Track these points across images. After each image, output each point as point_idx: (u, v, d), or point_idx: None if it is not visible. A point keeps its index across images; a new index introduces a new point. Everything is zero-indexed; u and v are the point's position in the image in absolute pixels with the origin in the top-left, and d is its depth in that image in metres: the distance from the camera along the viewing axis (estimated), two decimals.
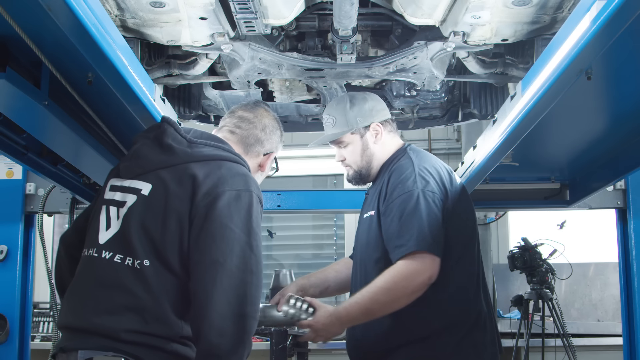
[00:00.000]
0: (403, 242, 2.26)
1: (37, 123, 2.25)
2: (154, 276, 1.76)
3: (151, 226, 1.79)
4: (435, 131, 5.78)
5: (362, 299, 2.30)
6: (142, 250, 1.77)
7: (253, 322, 1.75)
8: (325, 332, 2.35)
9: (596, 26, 1.60)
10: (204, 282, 1.73)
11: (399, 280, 2.24)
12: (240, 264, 1.75)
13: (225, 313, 1.70)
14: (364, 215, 2.58)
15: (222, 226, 1.77)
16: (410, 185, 2.34)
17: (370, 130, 2.56)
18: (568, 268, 4.60)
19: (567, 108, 2.30)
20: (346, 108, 2.56)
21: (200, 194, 1.79)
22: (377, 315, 2.30)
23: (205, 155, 1.89)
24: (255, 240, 1.80)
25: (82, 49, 1.75)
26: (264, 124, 2.15)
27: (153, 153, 1.91)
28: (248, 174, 1.91)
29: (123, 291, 1.75)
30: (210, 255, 1.74)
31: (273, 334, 3.29)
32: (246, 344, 1.73)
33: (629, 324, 3.49)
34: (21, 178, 3.48)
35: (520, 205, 3.83)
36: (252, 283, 1.76)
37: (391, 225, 2.32)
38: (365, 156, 2.58)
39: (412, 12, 2.28)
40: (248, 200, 1.82)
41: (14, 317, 3.31)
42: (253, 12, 2.18)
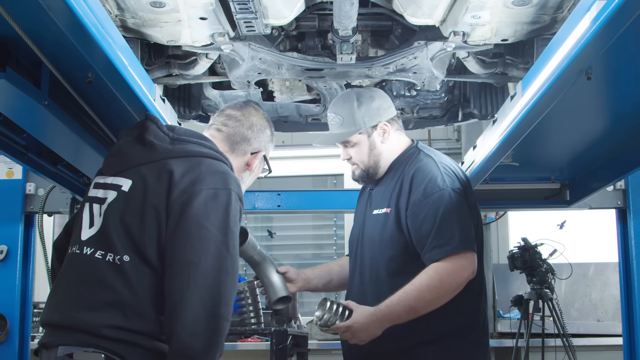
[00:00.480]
0: (444, 242, 2.28)
1: (37, 123, 2.25)
2: (133, 272, 1.76)
3: (130, 222, 1.79)
4: (435, 131, 5.78)
5: (405, 297, 2.27)
6: (122, 246, 1.78)
7: (226, 324, 1.73)
8: (365, 333, 2.30)
9: (596, 26, 1.60)
10: (178, 282, 1.72)
11: (446, 278, 2.27)
12: (215, 264, 1.73)
13: (198, 314, 1.69)
14: (372, 212, 2.53)
15: (197, 225, 1.75)
16: (441, 184, 2.35)
17: (378, 130, 2.52)
18: (568, 268, 4.60)
19: (567, 108, 2.29)
20: (354, 107, 2.50)
21: (177, 192, 1.79)
22: (419, 314, 2.29)
23: (186, 152, 1.88)
24: (232, 239, 1.78)
25: (82, 49, 1.75)
26: (251, 122, 2.11)
27: (134, 150, 1.90)
28: (228, 171, 1.88)
29: (104, 287, 1.76)
30: (185, 255, 1.73)
31: (273, 334, 3.30)
32: (218, 345, 1.71)
33: (629, 324, 3.49)
34: (21, 178, 3.48)
35: (520, 205, 3.83)
36: (227, 283, 1.74)
37: (424, 224, 2.32)
38: (373, 155, 2.54)
39: (412, 12, 2.28)
40: (226, 199, 1.80)
41: (14, 317, 3.31)
42: (253, 12, 2.18)
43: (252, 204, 3.85)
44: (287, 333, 3.35)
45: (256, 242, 2.46)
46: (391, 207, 2.44)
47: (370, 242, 2.51)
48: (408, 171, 2.44)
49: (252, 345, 4.64)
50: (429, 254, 2.30)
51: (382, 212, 2.48)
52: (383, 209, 2.48)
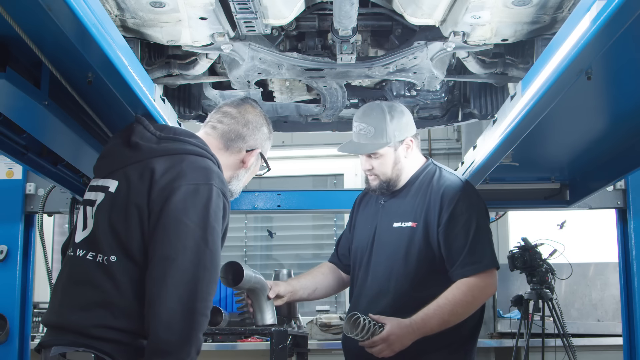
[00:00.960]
0: (476, 259, 2.45)
1: (37, 123, 2.25)
2: (121, 271, 1.78)
3: (116, 222, 1.81)
4: (435, 131, 5.78)
5: (440, 310, 2.40)
6: (109, 246, 1.80)
7: (203, 319, 1.73)
8: (399, 344, 2.37)
9: (596, 26, 1.60)
10: (155, 277, 1.73)
11: (477, 294, 2.44)
12: (193, 259, 1.74)
13: (174, 308, 1.69)
14: (392, 225, 2.60)
15: (176, 220, 1.76)
16: (472, 203, 2.52)
17: (404, 144, 2.62)
18: (568, 268, 4.59)
19: (567, 108, 2.29)
20: (386, 120, 2.57)
21: (157, 189, 1.80)
22: (449, 326, 2.43)
23: (169, 150, 1.89)
24: (211, 235, 1.78)
25: (82, 49, 1.75)
26: (247, 119, 2.11)
27: (121, 151, 1.92)
28: (211, 167, 1.88)
29: (93, 287, 1.79)
30: (163, 250, 1.74)
31: (273, 334, 3.30)
32: (194, 341, 1.71)
33: (629, 324, 3.49)
34: (21, 178, 3.48)
35: (520, 205, 3.83)
36: (205, 279, 1.74)
37: (456, 240, 2.47)
38: (396, 169, 2.62)
39: (412, 12, 2.28)
40: (207, 194, 1.80)
41: (14, 317, 3.31)
42: (253, 12, 2.18)
43: (252, 204, 3.85)
44: (287, 333, 3.36)
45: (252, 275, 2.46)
46: (418, 222, 2.55)
47: (392, 255, 2.58)
48: (435, 187, 2.56)
49: (252, 345, 4.64)
50: (461, 269, 2.45)
51: (406, 225, 2.57)
52: (408, 222, 2.57)
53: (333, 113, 3.13)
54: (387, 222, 2.63)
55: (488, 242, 2.51)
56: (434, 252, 2.51)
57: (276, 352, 3.27)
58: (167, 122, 2.37)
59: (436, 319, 2.39)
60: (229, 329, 3.68)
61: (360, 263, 2.68)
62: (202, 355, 1.83)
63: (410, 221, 2.56)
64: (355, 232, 2.80)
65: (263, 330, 3.68)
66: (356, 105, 3.19)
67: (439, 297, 2.42)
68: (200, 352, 1.78)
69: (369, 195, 2.83)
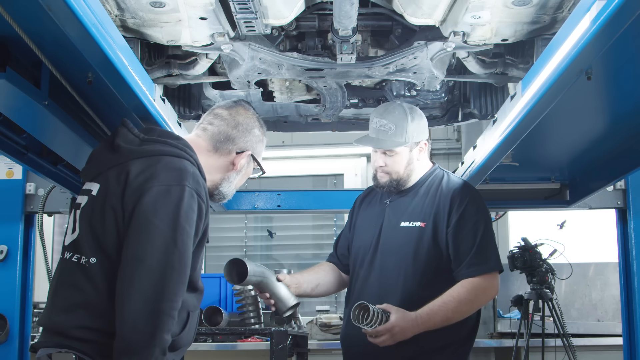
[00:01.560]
0: (482, 261, 2.52)
1: (37, 123, 2.25)
2: (100, 273, 1.79)
3: (95, 224, 1.83)
4: (435, 131, 5.77)
5: (445, 307, 2.46)
6: (89, 248, 1.82)
7: (168, 319, 1.73)
8: (402, 335, 2.43)
9: (596, 26, 1.60)
10: (123, 277, 1.74)
11: (480, 294, 2.51)
12: (161, 259, 1.74)
13: (139, 308, 1.70)
14: (400, 224, 2.64)
15: (145, 221, 1.76)
16: (479, 207, 2.60)
17: (418, 147, 2.68)
18: (568, 268, 4.59)
19: (567, 108, 2.29)
20: (407, 120, 2.62)
21: (130, 190, 1.81)
22: (451, 323, 2.49)
23: (147, 152, 1.89)
24: (181, 235, 1.77)
25: (82, 49, 1.75)
26: (237, 121, 2.10)
27: (104, 155, 1.94)
28: (186, 168, 1.87)
29: (76, 289, 1.82)
30: (132, 251, 1.75)
31: (273, 334, 3.30)
32: (158, 341, 1.71)
33: (629, 324, 3.49)
34: (21, 178, 3.48)
35: (520, 205, 3.83)
36: (173, 279, 1.74)
37: (464, 242, 2.53)
38: (408, 169, 2.67)
39: (412, 12, 2.28)
40: (178, 195, 1.79)
41: (14, 317, 3.31)
42: (253, 12, 2.18)
43: (252, 204, 3.85)
44: (287, 333, 3.36)
45: (255, 268, 2.45)
46: (427, 222, 2.60)
47: (400, 253, 2.61)
48: (445, 190, 2.63)
49: (252, 345, 4.64)
50: (467, 270, 2.51)
51: (415, 225, 2.61)
52: (416, 222, 2.62)
53: (333, 113, 3.13)
54: (394, 221, 2.66)
55: (494, 245, 2.59)
56: (442, 252, 2.56)
57: (276, 352, 3.27)
58: (167, 122, 2.37)
59: (440, 315, 2.45)
60: (229, 329, 3.68)
61: (363, 261, 2.68)
62: (202, 355, 1.83)
63: (419, 221, 2.61)
64: (356, 231, 2.81)
65: (263, 330, 3.69)
66: (356, 105, 3.19)
67: (444, 294, 2.47)
68: (201, 352, 1.78)
69: (371, 195, 2.84)
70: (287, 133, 3.57)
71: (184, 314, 1.91)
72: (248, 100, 3.03)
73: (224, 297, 4.32)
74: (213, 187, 2.09)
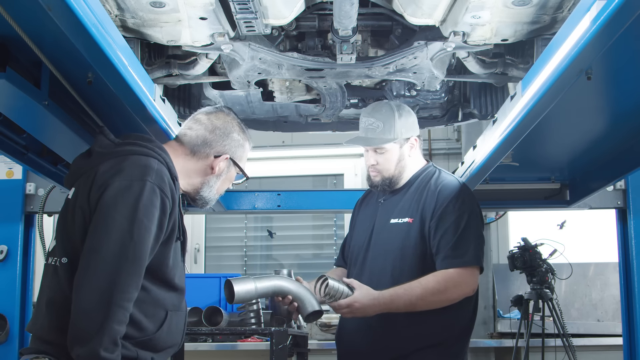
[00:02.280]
0: (458, 254, 2.48)
1: (37, 123, 2.25)
2: (68, 272, 1.82)
3: (66, 225, 1.87)
4: (435, 131, 5.78)
5: (410, 292, 2.43)
6: (62, 249, 1.86)
7: (119, 310, 1.74)
8: (362, 312, 2.42)
9: (596, 26, 1.60)
10: (80, 267, 1.76)
11: (451, 287, 2.46)
12: (116, 251, 1.76)
13: (91, 297, 1.72)
14: (390, 221, 2.64)
15: (104, 215, 1.79)
16: (465, 202, 2.56)
17: (409, 143, 2.69)
18: (568, 268, 4.59)
19: (567, 108, 2.29)
20: (395, 116, 2.65)
21: (95, 187, 1.84)
22: (415, 310, 2.45)
23: (117, 152, 1.92)
24: (138, 229, 1.79)
25: (82, 49, 1.75)
26: (214, 125, 2.12)
27: (81, 162, 1.98)
28: (151, 165, 1.88)
29: (49, 291, 1.86)
30: (89, 243, 1.78)
31: (273, 334, 3.30)
32: (107, 331, 1.71)
33: (629, 324, 3.49)
34: (21, 178, 3.48)
35: (520, 205, 3.83)
36: (127, 271, 1.76)
37: (445, 235, 2.51)
38: (399, 166, 2.69)
39: (412, 12, 2.28)
40: (139, 189, 1.81)
41: (14, 317, 3.31)
42: (253, 12, 2.18)
43: (252, 204, 3.85)
44: (287, 333, 3.36)
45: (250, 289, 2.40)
46: (414, 218, 2.60)
47: (389, 249, 2.61)
48: (433, 186, 2.62)
49: (252, 345, 4.64)
50: (441, 261, 2.48)
51: (403, 221, 2.62)
52: (405, 218, 2.62)
53: (333, 113, 3.13)
54: (384, 219, 2.68)
55: (474, 240, 2.52)
56: (427, 248, 2.55)
57: (276, 352, 3.27)
58: (167, 122, 2.37)
59: (404, 299, 2.42)
60: (229, 329, 3.68)
61: (357, 260, 2.71)
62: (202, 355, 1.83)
63: (407, 217, 2.61)
64: (354, 232, 2.85)
65: (263, 330, 3.68)
66: (356, 105, 3.19)
67: (413, 280, 2.46)
68: (201, 352, 1.79)
69: (370, 197, 2.87)
70: (287, 133, 3.57)
71: (161, 313, 1.91)
72: (248, 100, 3.04)
73: (224, 297, 4.31)
74: (194, 191, 2.12)
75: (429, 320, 2.50)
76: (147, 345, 1.88)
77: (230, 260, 6.06)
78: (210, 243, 6.08)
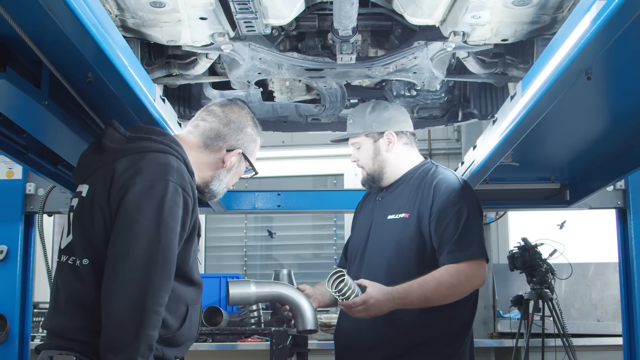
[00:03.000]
0: (464, 248, 2.47)
1: (37, 123, 2.25)
2: (92, 274, 1.79)
3: (85, 226, 1.84)
4: (435, 131, 5.79)
5: (423, 286, 2.42)
6: (82, 250, 1.83)
7: (153, 316, 1.72)
8: (377, 309, 2.40)
9: (596, 26, 1.60)
10: (108, 274, 1.74)
11: (464, 280, 2.45)
12: (145, 256, 1.73)
13: (124, 305, 1.70)
14: (387, 218, 2.65)
15: (129, 218, 1.76)
16: (464, 195, 2.55)
17: (384, 137, 2.70)
18: (568, 268, 4.60)
19: (567, 108, 2.29)
20: (366, 111, 2.70)
21: (115, 189, 1.80)
22: (429, 305, 2.45)
23: (133, 149, 1.89)
24: (165, 230, 1.76)
25: (82, 49, 1.75)
26: (229, 118, 2.10)
27: (92, 156, 1.94)
28: (171, 163, 1.85)
29: (72, 292, 1.83)
30: (115, 248, 1.75)
31: (273, 334, 3.30)
32: (143, 338, 1.70)
33: (629, 324, 3.49)
34: (21, 178, 3.48)
35: (520, 205, 3.83)
36: (156, 275, 1.73)
37: (447, 230, 2.49)
38: (377, 161, 2.71)
39: (412, 12, 2.28)
40: (162, 190, 1.78)
41: (14, 317, 3.31)
42: (253, 12, 2.18)
43: (252, 204, 3.85)
44: (287, 333, 3.36)
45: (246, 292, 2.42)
46: (410, 213, 2.59)
47: (385, 245, 2.61)
48: (429, 181, 2.62)
49: (252, 345, 4.64)
50: (448, 255, 2.47)
51: (400, 217, 2.62)
52: (401, 214, 2.62)
53: (333, 113, 3.13)
54: (382, 216, 2.68)
55: (477, 233, 2.53)
56: (426, 242, 2.54)
57: (276, 352, 3.27)
58: (167, 122, 2.37)
59: (418, 294, 2.41)
60: (229, 329, 3.68)
61: (355, 256, 2.72)
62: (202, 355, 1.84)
63: (404, 213, 2.61)
64: (354, 232, 2.86)
65: (263, 330, 3.69)
66: (356, 105, 3.19)
67: (426, 275, 2.44)
68: (201, 352, 1.79)
69: (369, 197, 2.89)
70: (287, 133, 3.57)
71: (183, 308, 1.91)
72: (248, 100, 3.04)
73: (224, 297, 4.32)
74: (203, 184, 2.09)
75: (426, 317, 2.49)
76: (170, 342, 1.87)
77: (230, 260, 6.06)
78: (210, 243, 6.08)
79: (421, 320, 2.50)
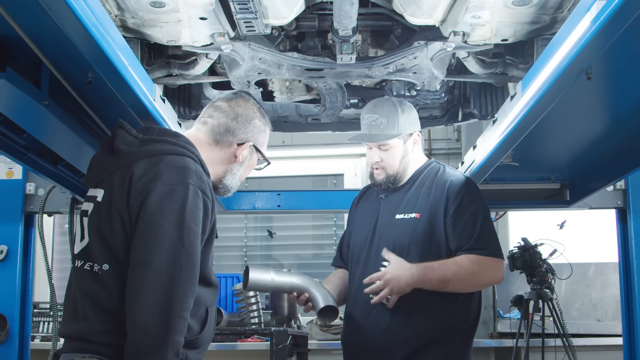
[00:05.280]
0: (484, 246, 2.50)
1: (37, 123, 2.25)
2: (113, 279, 1.78)
3: (104, 231, 1.82)
4: (435, 131, 5.78)
5: (444, 267, 2.46)
6: (101, 255, 1.81)
7: (179, 321, 1.72)
8: (397, 284, 2.44)
9: (596, 26, 1.60)
10: (131, 281, 1.72)
11: (484, 270, 2.48)
12: (169, 261, 1.72)
13: (150, 311, 1.68)
14: (395, 217, 2.63)
15: (151, 223, 1.75)
16: (477, 197, 2.59)
17: (411, 138, 2.69)
18: (568, 268, 4.59)
19: (567, 108, 2.30)
20: (398, 112, 2.64)
21: (134, 193, 1.79)
22: (446, 289, 2.47)
23: (149, 152, 1.88)
24: (188, 234, 1.76)
25: (82, 49, 1.75)
26: (236, 112, 2.09)
27: (105, 159, 1.93)
28: (189, 166, 1.85)
29: (93, 297, 1.80)
30: (139, 253, 1.73)
31: (273, 334, 3.30)
32: (170, 343, 1.69)
33: (629, 324, 3.49)
34: (21, 178, 3.48)
35: (520, 205, 3.83)
36: (181, 280, 1.73)
37: (464, 231, 2.51)
38: (403, 162, 2.69)
39: (412, 12, 2.28)
40: (183, 193, 1.78)
41: (14, 317, 3.31)
42: (253, 12, 2.18)
43: (252, 204, 3.85)
44: (287, 333, 3.35)
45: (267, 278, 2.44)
46: (422, 213, 2.59)
47: (396, 245, 2.59)
48: (440, 181, 2.62)
49: (252, 345, 4.64)
50: (469, 252, 2.49)
51: (410, 216, 2.61)
52: (411, 214, 2.61)
53: (333, 113, 3.13)
54: (389, 215, 2.66)
55: (494, 234, 2.57)
56: (439, 243, 2.55)
57: (276, 352, 3.27)
58: (167, 122, 2.37)
59: (437, 273, 2.44)
60: (229, 329, 3.68)
61: (359, 257, 2.69)
62: None
63: (414, 212, 2.60)
64: (353, 229, 2.82)
65: (263, 330, 3.68)
66: (356, 105, 3.19)
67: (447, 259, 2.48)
68: None
69: (368, 194, 2.86)
70: (287, 133, 3.57)
71: (203, 311, 1.90)
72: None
73: (224, 297, 4.32)
74: (217, 180, 2.08)
75: (435, 317, 2.50)
76: (193, 345, 1.86)
77: (230, 260, 6.06)
78: None
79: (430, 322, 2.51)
